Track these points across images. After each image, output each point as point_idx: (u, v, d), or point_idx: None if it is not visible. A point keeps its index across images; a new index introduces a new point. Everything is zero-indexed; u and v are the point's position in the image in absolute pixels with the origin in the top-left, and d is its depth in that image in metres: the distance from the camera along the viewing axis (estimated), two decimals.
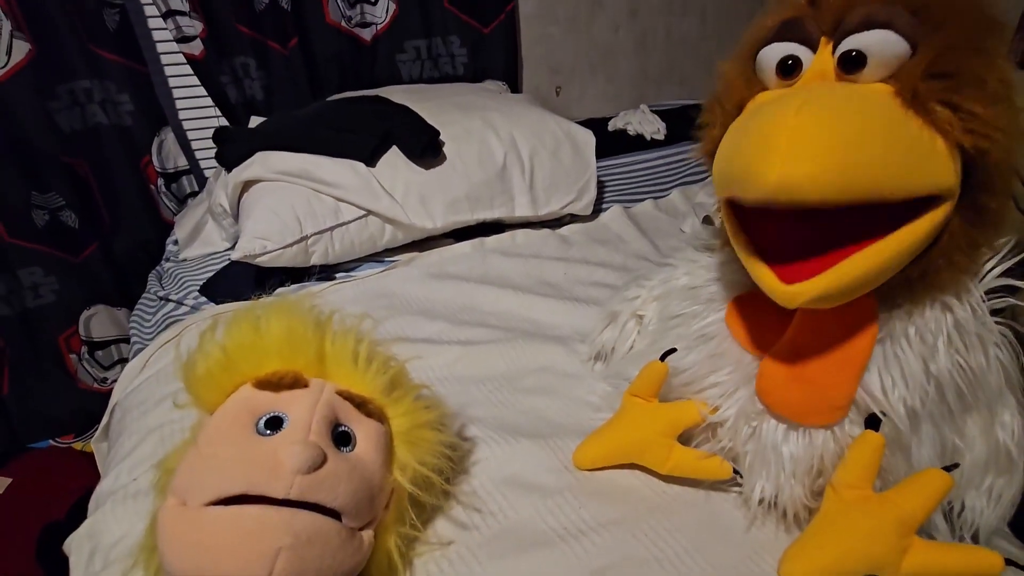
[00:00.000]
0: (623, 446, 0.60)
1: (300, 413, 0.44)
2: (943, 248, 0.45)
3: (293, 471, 0.40)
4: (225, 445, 0.43)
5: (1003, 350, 0.52)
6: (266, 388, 0.46)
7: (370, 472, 0.45)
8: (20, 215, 1.17)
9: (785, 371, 0.50)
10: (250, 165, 0.97)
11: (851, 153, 0.38)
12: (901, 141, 0.40)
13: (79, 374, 1.34)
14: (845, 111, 0.39)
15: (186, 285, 1.00)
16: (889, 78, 0.42)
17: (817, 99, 0.40)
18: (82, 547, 0.56)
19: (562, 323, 0.84)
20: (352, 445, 0.46)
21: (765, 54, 0.47)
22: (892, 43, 0.41)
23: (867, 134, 0.39)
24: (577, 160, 1.13)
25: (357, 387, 0.49)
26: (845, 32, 0.43)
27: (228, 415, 0.45)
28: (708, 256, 0.66)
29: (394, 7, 1.37)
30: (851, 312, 0.48)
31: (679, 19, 1.74)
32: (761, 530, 0.54)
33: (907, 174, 0.40)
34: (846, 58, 0.42)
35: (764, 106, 0.43)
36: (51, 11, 1.10)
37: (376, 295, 0.92)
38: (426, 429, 0.51)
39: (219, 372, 0.46)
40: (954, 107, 0.39)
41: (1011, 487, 0.54)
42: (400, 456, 0.49)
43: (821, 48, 0.45)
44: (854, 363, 0.49)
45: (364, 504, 0.44)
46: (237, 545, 0.38)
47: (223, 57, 1.26)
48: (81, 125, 1.20)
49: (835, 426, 0.50)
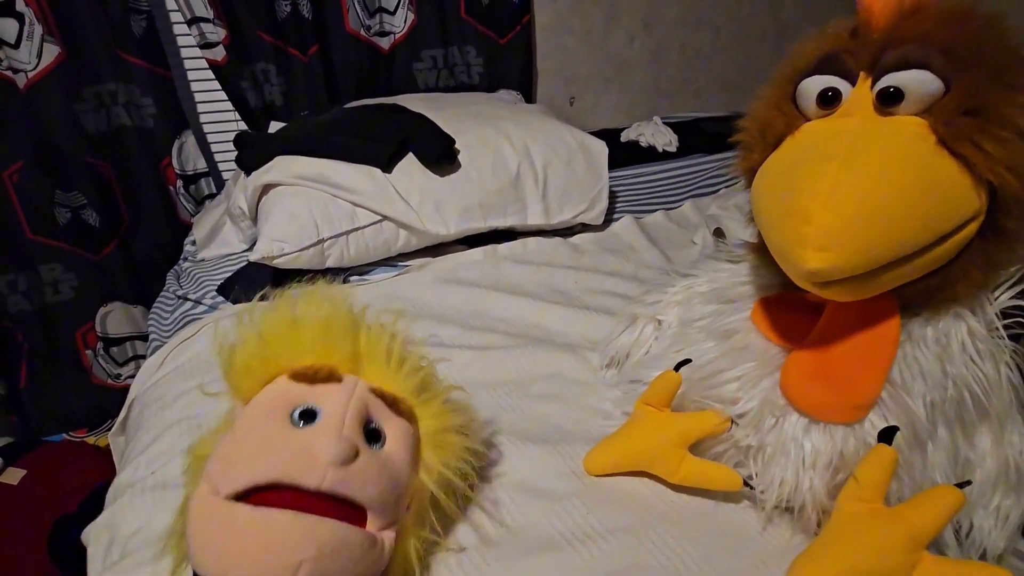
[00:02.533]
0: (634, 454, 0.60)
1: (334, 407, 0.45)
2: (963, 262, 0.48)
3: (327, 463, 0.41)
4: (260, 434, 0.43)
5: (1013, 371, 0.53)
6: (302, 380, 0.46)
7: (398, 471, 0.46)
8: (43, 213, 1.20)
9: (809, 369, 0.52)
10: (269, 169, 0.99)
11: (882, 229, 0.42)
12: (935, 186, 0.43)
13: (94, 370, 1.36)
14: (880, 175, 0.42)
15: (204, 285, 1.01)
16: (923, 112, 0.44)
17: (853, 162, 0.42)
18: (100, 537, 0.57)
19: (572, 331, 0.85)
20: (382, 443, 0.46)
21: (806, 85, 0.50)
22: (927, 82, 0.44)
23: (902, 198, 0.42)
24: (590, 170, 1.14)
25: (389, 386, 0.49)
26: (884, 69, 0.45)
27: (263, 405, 0.45)
28: (731, 266, 0.67)
29: (412, 17, 1.39)
30: (875, 314, 0.51)
31: (693, 33, 1.75)
32: (770, 540, 0.55)
33: (939, 220, 0.43)
34: (884, 94, 0.45)
35: (803, 164, 0.46)
36: (81, 16, 1.13)
37: (389, 299, 0.93)
38: (453, 433, 0.51)
39: (256, 363, 0.47)
40: (980, 146, 0.42)
41: (1018, 507, 0.55)
42: (426, 458, 0.49)
43: (860, 82, 0.48)
44: (878, 365, 0.50)
45: (391, 502, 0.45)
46: (260, 552, 0.39)
47: (244, 63, 1.29)
48: (106, 127, 1.23)
49: (856, 424, 0.51)
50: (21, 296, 1.24)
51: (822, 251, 0.42)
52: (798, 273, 0.45)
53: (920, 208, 0.43)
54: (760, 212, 0.50)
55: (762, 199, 0.50)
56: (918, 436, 0.50)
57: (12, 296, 1.23)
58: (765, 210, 0.49)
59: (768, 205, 0.48)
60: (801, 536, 0.55)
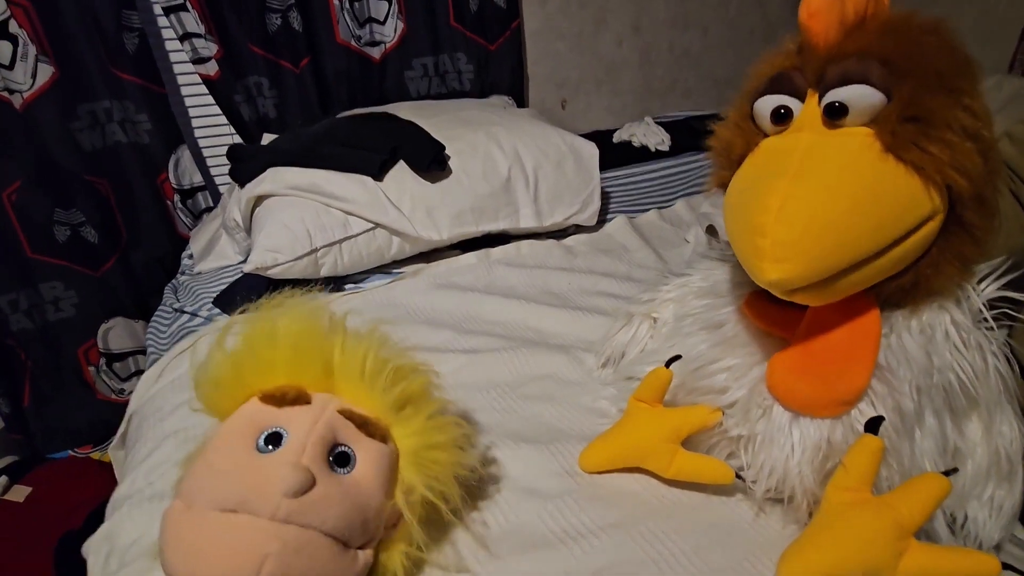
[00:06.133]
0: (627, 450, 0.61)
1: (298, 432, 0.44)
2: (931, 259, 0.49)
3: (280, 494, 0.40)
4: (225, 458, 0.44)
5: (1001, 361, 0.54)
6: (270, 403, 0.46)
7: (365, 496, 0.45)
8: (43, 231, 1.21)
9: (795, 366, 0.53)
10: (262, 181, 1.01)
11: (834, 237, 0.44)
12: (884, 192, 0.45)
13: (97, 385, 1.37)
14: (831, 186, 0.44)
15: (200, 297, 1.02)
16: (870, 122, 0.47)
17: (803, 176, 0.45)
18: (100, 549, 0.58)
19: (566, 332, 0.86)
20: (351, 466, 0.46)
21: (760, 104, 0.53)
22: (868, 95, 0.46)
23: (851, 206, 0.44)
24: (581, 172, 1.15)
25: (364, 402, 0.48)
26: (828, 86, 0.48)
27: (233, 427, 0.46)
28: (724, 264, 0.68)
29: (402, 26, 1.41)
30: (854, 313, 0.52)
31: (681, 33, 1.76)
32: (761, 532, 0.55)
33: (891, 224, 0.45)
34: (830, 109, 0.47)
35: (759, 181, 0.48)
36: (74, 36, 1.15)
37: (383, 305, 0.94)
38: (438, 450, 0.49)
39: (228, 382, 0.47)
40: (925, 150, 0.44)
41: (1011, 497, 0.55)
42: (406, 478, 0.48)
43: (808, 98, 0.50)
44: (861, 361, 0.51)
45: (356, 528, 0.44)
46: (225, 549, 0.39)
47: (237, 77, 1.30)
48: (101, 144, 1.25)
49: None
50: (23, 315, 1.26)
51: (778, 262, 0.44)
52: (761, 283, 0.47)
53: (870, 215, 0.44)
54: (727, 226, 0.53)
55: (728, 214, 0.52)
56: (905, 421, 0.51)
57: (14, 315, 1.25)
58: (730, 225, 0.52)
59: (732, 220, 0.51)
60: (792, 527, 0.55)
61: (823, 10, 0.49)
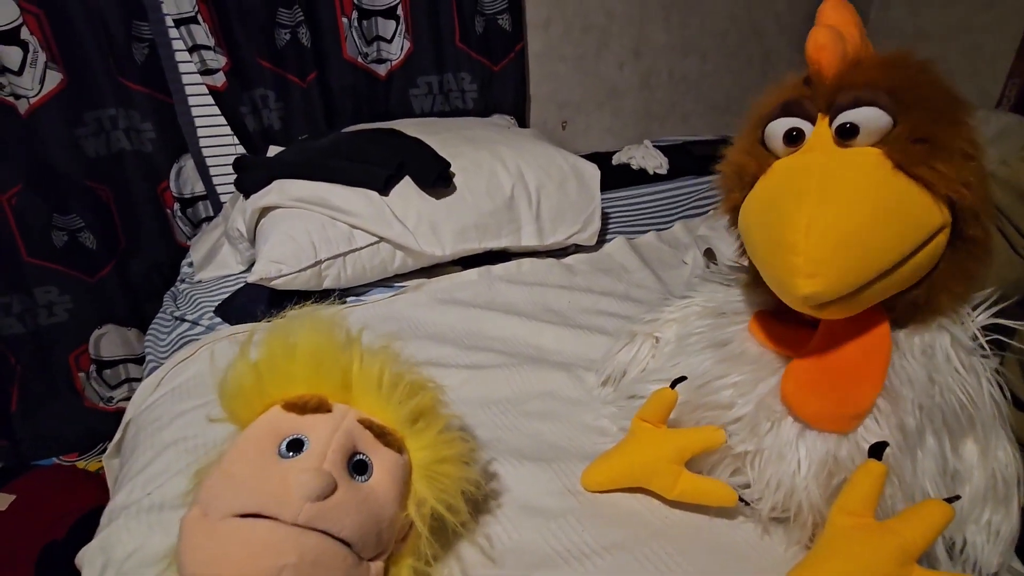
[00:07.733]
0: (631, 470, 0.61)
1: (319, 438, 0.45)
2: (941, 273, 0.52)
3: (302, 498, 0.41)
4: (245, 464, 0.44)
5: (995, 387, 0.56)
6: (292, 411, 0.47)
7: (381, 505, 0.46)
8: (40, 236, 1.21)
9: (808, 380, 0.55)
10: (268, 192, 1.01)
11: (861, 250, 0.46)
12: (900, 205, 0.47)
13: (86, 392, 1.35)
14: (853, 201, 0.47)
15: (201, 306, 1.02)
16: (878, 143, 0.49)
17: (826, 194, 0.47)
18: (95, 561, 0.57)
19: (566, 350, 0.86)
20: (368, 474, 0.47)
21: (773, 127, 0.55)
22: (878, 117, 0.49)
23: (874, 220, 0.46)
24: (583, 193, 1.16)
25: (380, 414, 0.49)
26: (839, 109, 0.51)
27: (253, 435, 0.46)
28: (726, 288, 0.70)
29: (409, 45, 1.43)
30: (867, 329, 0.54)
31: (681, 59, 1.80)
32: (764, 555, 0.55)
33: (909, 234, 0.48)
34: (842, 129, 0.50)
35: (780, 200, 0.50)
36: (84, 44, 1.16)
37: (385, 319, 0.94)
38: (447, 464, 0.50)
39: (250, 392, 0.48)
40: (934, 167, 0.47)
41: (1008, 521, 0.56)
42: (418, 491, 0.49)
43: (819, 121, 0.53)
44: (872, 376, 0.53)
45: (371, 537, 0.44)
46: (244, 559, 0.39)
47: (244, 89, 1.31)
48: (105, 151, 1.25)
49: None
50: (15, 318, 1.24)
51: (812, 277, 0.46)
52: (793, 299, 0.49)
53: (890, 227, 0.47)
54: (752, 246, 0.54)
55: (752, 234, 0.54)
56: (908, 439, 0.52)
57: (6, 318, 1.23)
58: (756, 245, 0.53)
59: (758, 240, 0.52)
60: (795, 549, 0.55)
61: (829, 45, 0.52)
